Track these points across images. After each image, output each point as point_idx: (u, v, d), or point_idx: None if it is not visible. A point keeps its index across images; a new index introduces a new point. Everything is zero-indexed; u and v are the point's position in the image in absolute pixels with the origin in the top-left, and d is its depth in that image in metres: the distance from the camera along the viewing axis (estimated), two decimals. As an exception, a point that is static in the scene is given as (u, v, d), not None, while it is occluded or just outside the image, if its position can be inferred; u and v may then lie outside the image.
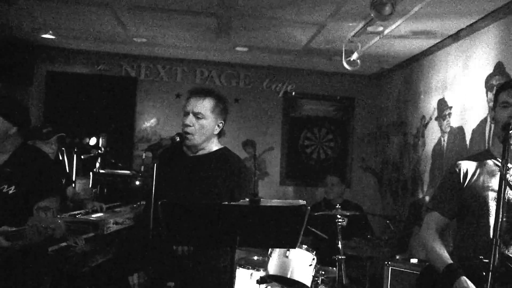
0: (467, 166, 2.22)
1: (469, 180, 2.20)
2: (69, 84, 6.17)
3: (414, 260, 3.82)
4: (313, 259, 3.96)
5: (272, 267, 3.87)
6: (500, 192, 1.89)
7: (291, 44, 5.39)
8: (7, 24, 5.16)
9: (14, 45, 5.69)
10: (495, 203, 2.09)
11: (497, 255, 1.76)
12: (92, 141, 5.10)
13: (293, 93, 6.63)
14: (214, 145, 2.64)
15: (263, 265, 4.22)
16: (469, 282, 1.98)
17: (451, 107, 4.69)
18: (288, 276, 3.86)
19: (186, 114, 2.52)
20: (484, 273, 1.85)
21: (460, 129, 4.47)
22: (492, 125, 3.87)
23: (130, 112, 6.32)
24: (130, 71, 6.42)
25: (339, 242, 4.04)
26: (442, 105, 4.87)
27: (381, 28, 4.29)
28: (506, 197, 2.06)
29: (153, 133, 6.39)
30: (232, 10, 4.41)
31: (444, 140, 4.82)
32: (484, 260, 1.81)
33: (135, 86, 6.37)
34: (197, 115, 2.50)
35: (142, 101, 6.40)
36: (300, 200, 2.11)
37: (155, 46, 5.89)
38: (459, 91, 4.52)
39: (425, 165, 5.17)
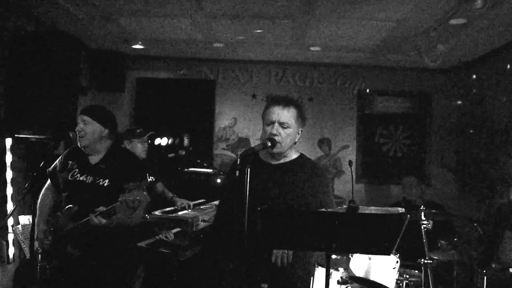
0: None
1: None
2: (155, 88, 6.47)
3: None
4: (397, 262, 3.84)
5: (354, 268, 3.79)
6: None
7: (366, 41, 5.30)
8: (103, 37, 5.57)
9: (108, 56, 6.12)
10: None
11: None
12: (164, 141, 5.29)
13: (368, 90, 6.48)
14: (293, 153, 2.67)
15: (342, 264, 4.16)
16: None
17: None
18: (371, 279, 3.79)
19: (271, 123, 2.53)
20: None
21: None
22: None
23: (210, 113, 6.47)
24: (209, 74, 6.60)
25: (425, 246, 3.88)
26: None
27: (464, 20, 4.06)
28: None
29: (231, 133, 6.50)
30: (309, 12, 4.38)
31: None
32: None
33: (214, 88, 6.52)
34: (282, 125, 2.52)
35: (221, 102, 6.54)
36: (398, 208, 2.07)
37: (232, 50, 6.03)
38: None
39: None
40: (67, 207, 2.77)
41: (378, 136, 6.55)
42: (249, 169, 2.25)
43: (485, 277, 3.51)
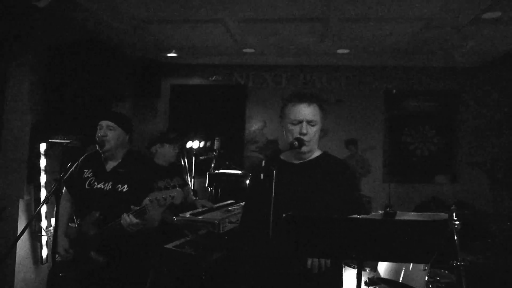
0: None
1: None
2: (188, 94, 6.28)
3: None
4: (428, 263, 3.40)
5: (383, 270, 3.41)
6: None
7: (393, 42, 4.83)
8: (139, 46, 5.39)
9: (145, 64, 5.96)
10: None
11: None
12: (201, 144, 5.04)
13: (394, 90, 5.98)
14: (317, 151, 2.32)
15: (368, 264, 3.72)
16: None
17: None
18: (400, 281, 3.36)
19: (299, 122, 2.18)
20: None
21: None
22: None
23: (240, 117, 6.20)
24: (240, 80, 6.31)
25: (457, 247, 3.39)
26: None
27: (499, 14, 3.52)
28: None
29: (261, 135, 6.17)
30: (336, 13, 3.96)
31: None
32: None
33: (245, 93, 6.25)
34: (310, 123, 2.18)
35: (251, 106, 6.24)
36: (442, 214, 1.65)
37: (261, 55, 5.71)
38: None
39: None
40: (91, 213, 2.53)
41: (406, 135, 6.01)
42: (275, 172, 1.98)
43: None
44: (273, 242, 1.84)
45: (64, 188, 2.69)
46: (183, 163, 5.35)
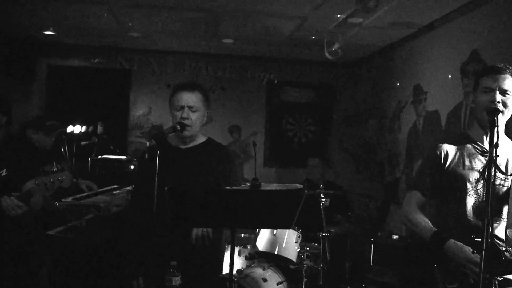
0: (448, 149, 2.11)
1: (450, 163, 2.09)
2: (68, 76, 6.04)
3: (395, 237, 3.75)
4: (299, 236, 3.89)
5: (261, 244, 3.82)
6: (489, 174, 1.78)
7: (275, 35, 5.22)
8: (11, 22, 5.02)
9: (17, 42, 5.58)
10: (474, 184, 2.03)
11: (489, 236, 1.67)
12: (83, 129, 4.94)
13: (276, 81, 6.47)
14: (201, 136, 2.58)
15: (250, 242, 4.13)
16: (458, 242, 1.92)
17: (426, 92, 4.60)
18: (276, 253, 3.80)
19: (181, 108, 2.42)
20: (475, 252, 1.78)
21: (435, 113, 4.38)
22: (467, 109, 3.84)
23: (125, 101, 6.17)
24: (125, 64, 6.25)
25: (323, 221, 3.94)
26: (418, 90, 4.77)
27: (361, 20, 4.15)
28: (485, 177, 1.99)
29: (145, 121, 6.22)
30: (219, 4, 4.23)
31: (419, 123, 4.74)
32: (476, 239, 1.71)
33: (129, 78, 6.22)
34: (191, 108, 2.42)
35: (136, 91, 6.24)
36: (297, 184, 2.01)
37: (147, 40, 5.71)
38: (435, 77, 4.42)
39: (401, 147, 5.08)
40: None
41: (285, 123, 6.57)
42: (158, 150, 2.14)
43: (372, 244, 3.64)
44: (157, 217, 2.05)
45: None
46: (63, 150, 5.19)
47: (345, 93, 6.61)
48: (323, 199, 4.05)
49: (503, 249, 1.88)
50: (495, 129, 1.86)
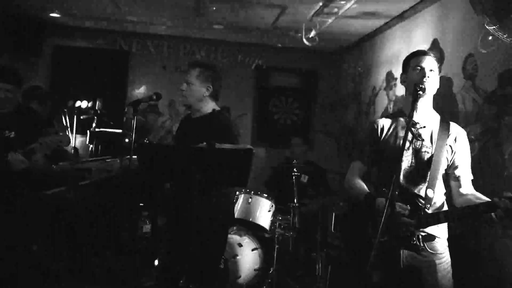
0: (384, 123, 2.38)
1: (385, 134, 2.35)
2: (72, 56, 6.34)
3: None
4: (272, 206, 4.18)
5: (237, 212, 4.06)
6: (404, 142, 2.12)
7: (260, 23, 5.50)
8: (21, 3, 5.34)
9: (25, 22, 5.86)
10: (405, 152, 2.25)
11: (395, 187, 1.97)
12: (84, 104, 5.25)
13: (264, 66, 6.76)
14: (209, 108, 2.81)
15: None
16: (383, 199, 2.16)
17: (396, 79, 4.88)
18: (250, 220, 4.10)
19: (184, 82, 2.81)
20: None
21: (402, 97, 4.68)
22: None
23: (123, 80, 6.47)
24: (124, 46, 6.56)
25: (295, 193, 4.19)
26: (390, 77, 5.06)
27: (335, 9, 4.43)
28: (413, 146, 2.29)
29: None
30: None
31: (390, 107, 5.03)
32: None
33: (127, 59, 6.52)
34: (187, 82, 2.77)
35: (133, 71, 6.54)
36: (247, 145, 2.32)
37: (144, 24, 6.02)
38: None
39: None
40: None
41: (272, 106, 6.89)
42: (135, 117, 2.80)
43: (333, 213, 3.95)
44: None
45: None
46: (64, 122, 5.53)
47: (328, 80, 6.89)
48: (297, 173, 4.34)
49: (423, 206, 2.17)
50: (416, 103, 2.16)
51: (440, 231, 2.24)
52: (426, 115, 2.29)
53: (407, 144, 2.25)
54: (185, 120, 2.96)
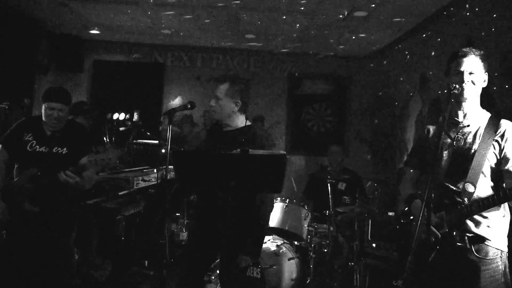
0: (430, 128, 2.38)
1: (431, 137, 2.33)
2: (110, 70, 6.53)
3: (391, 213, 3.89)
4: (307, 213, 4.07)
5: (272, 221, 3.97)
6: (438, 140, 2.07)
7: (291, 31, 5.45)
8: (62, 22, 5.59)
9: (67, 40, 6.14)
10: (445, 151, 2.20)
11: (432, 188, 1.91)
12: (122, 116, 5.33)
13: (296, 74, 6.69)
14: (239, 122, 2.71)
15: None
16: (419, 201, 2.14)
17: (430, 81, 4.71)
18: (286, 228, 4.00)
19: (213, 97, 2.71)
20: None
21: (438, 100, 4.49)
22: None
23: (159, 92, 6.59)
24: (159, 58, 6.67)
25: (330, 200, 4.09)
26: (424, 79, 4.89)
27: (365, 14, 4.31)
28: (455, 144, 2.19)
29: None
30: (238, 3, 4.50)
31: (425, 110, 4.85)
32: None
33: (163, 71, 6.63)
34: (216, 97, 2.66)
35: (169, 83, 6.64)
36: (281, 150, 2.24)
37: (178, 37, 6.11)
38: (436, 67, 4.54)
39: (409, 134, 5.20)
40: (29, 169, 2.72)
41: (305, 113, 6.78)
42: (170, 126, 2.73)
43: (370, 221, 3.80)
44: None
45: (0, 146, 2.86)
46: (104, 135, 5.63)
47: (360, 85, 6.74)
48: (332, 181, 4.23)
49: (461, 201, 2.07)
50: (451, 105, 2.14)
51: (492, 234, 2.09)
52: (472, 114, 2.22)
53: (448, 142, 2.21)
54: (215, 131, 2.81)
